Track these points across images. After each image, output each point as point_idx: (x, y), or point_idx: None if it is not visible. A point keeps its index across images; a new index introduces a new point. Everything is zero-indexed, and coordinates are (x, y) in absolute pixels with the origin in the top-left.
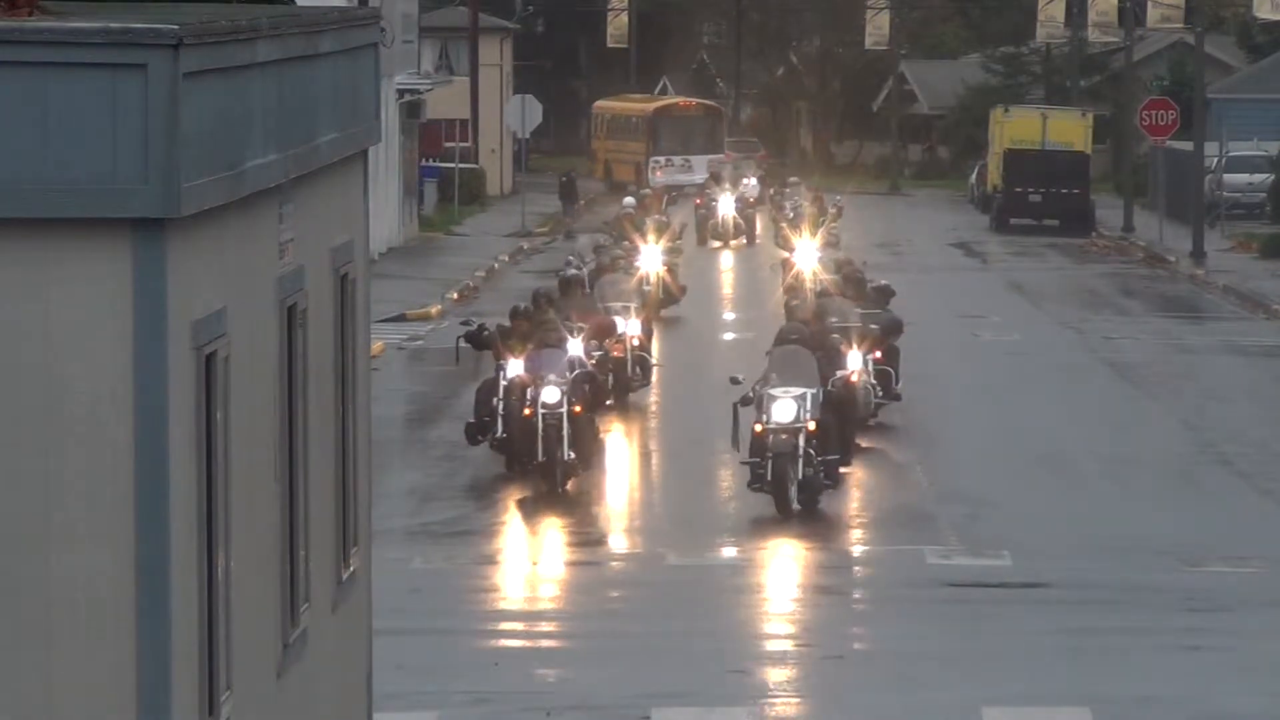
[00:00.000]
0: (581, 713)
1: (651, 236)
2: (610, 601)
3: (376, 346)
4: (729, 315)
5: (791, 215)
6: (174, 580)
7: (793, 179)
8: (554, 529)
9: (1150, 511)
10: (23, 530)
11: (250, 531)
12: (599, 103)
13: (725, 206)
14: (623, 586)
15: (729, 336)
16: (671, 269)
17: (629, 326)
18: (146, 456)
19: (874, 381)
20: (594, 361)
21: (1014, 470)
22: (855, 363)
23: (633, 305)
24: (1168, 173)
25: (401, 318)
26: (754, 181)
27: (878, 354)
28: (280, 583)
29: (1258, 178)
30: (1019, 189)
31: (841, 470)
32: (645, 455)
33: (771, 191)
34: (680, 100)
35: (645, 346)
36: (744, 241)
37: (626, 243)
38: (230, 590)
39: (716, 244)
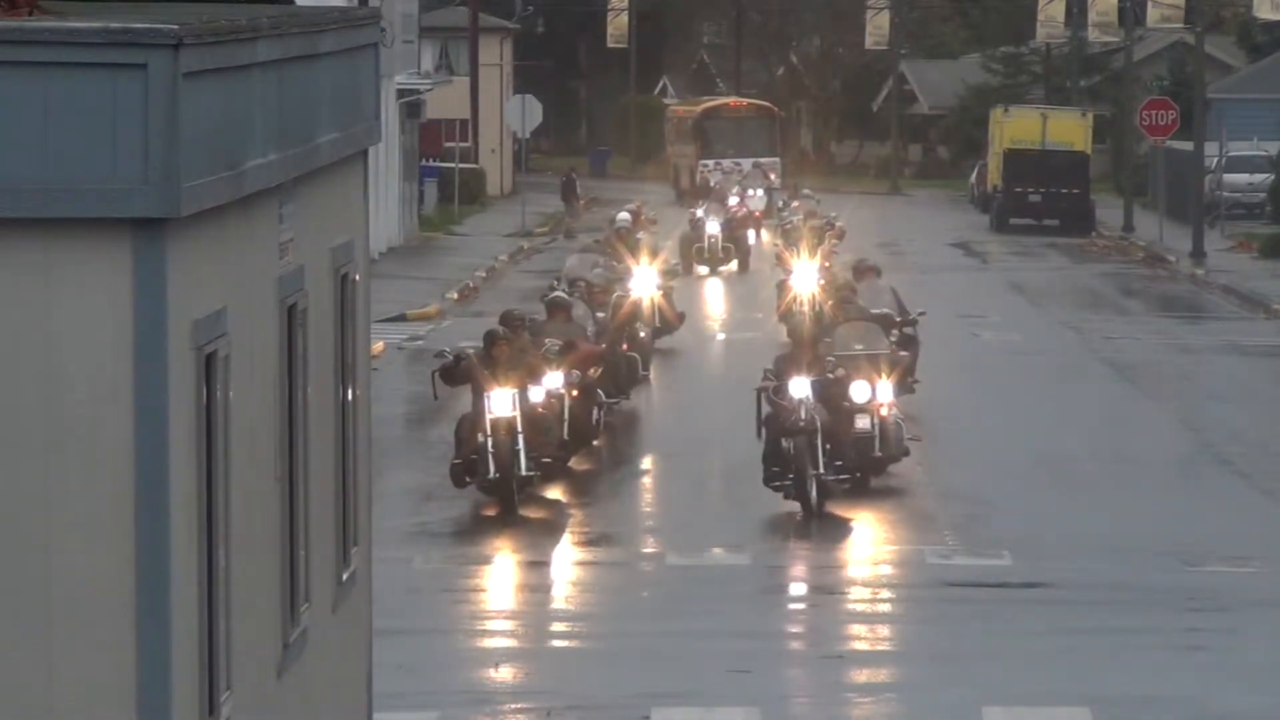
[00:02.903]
0: (581, 713)
1: (645, 257)
2: (611, 601)
3: (376, 346)
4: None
5: (789, 229)
6: (174, 580)
7: (805, 191)
8: (554, 529)
9: (1150, 511)
10: (23, 530)
11: (250, 531)
12: (670, 106)
13: (712, 226)
14: (623, 586)
15: (721, 338)
16: (666, 294)
17: None
18: (146, 456)
19: (903, 419)
20: (575, 391)
21: (1014, 470)
22: (885, 394)
23: (589, 335)
24: (1168, 173)
25: (401, 318)
26: (760, 192)
27: None
28: (280, 583)
29: (1258, 178)
30: (1019, 189)
31: None
32: (643, 458)
33: (780, 204)
34: (730, 100)
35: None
36: (735, 267)
37: (616, 263)
38: (230, 590)
39: (704, 270)
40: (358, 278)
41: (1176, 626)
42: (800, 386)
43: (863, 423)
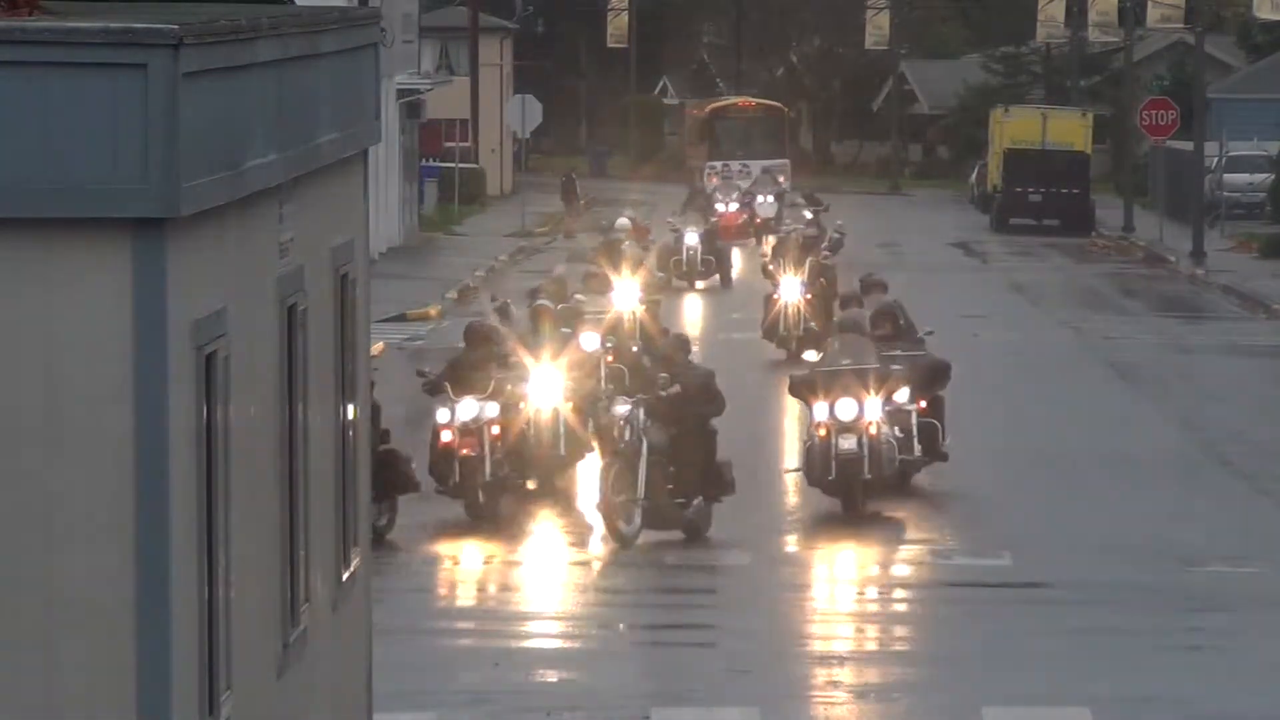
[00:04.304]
0: (581, 713)
1: (627, 270)
2: (610, 601)
3: (376, 347)
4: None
5: (782, 239)
6: (174, 580)
7: (799, 199)
8: (554, 529)
9: (1150, 511)
10: (23, 530)
11: (250, 531)
12: (687, 107)
13: (690, 238)
14: (622, 586)
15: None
16: (650, 309)
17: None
18: (146, 456)
19: (899, 435)
20: (569, 404)
21: (1014, 470)
22: (873, 411)
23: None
24: (1168, 173)
25: (401, 318)
26: (771, 199)
27: (921, 404)
28: (280, 583)
29: (1258, 178)
30: (1019, 189)
31: None
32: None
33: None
34: (739, 100)
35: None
36: (716, 282)
37: (600, 275)
38: (230, 590)
39: (683, 285)
40: (358, 278)
41: (1176, 626)
42: (620, 405)
43: (848, 443)
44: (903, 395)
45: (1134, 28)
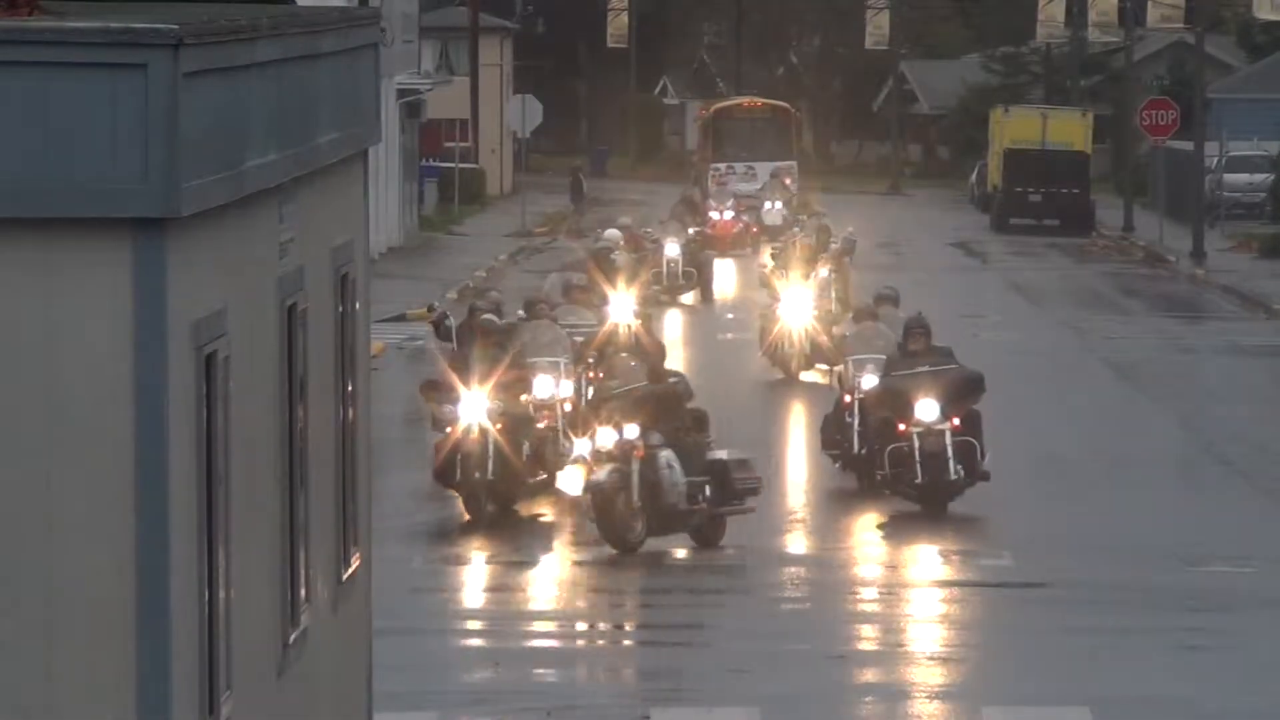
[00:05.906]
0: (581, 713)
1: (622, 281)
2: (610, 601)
3: (376, 346)
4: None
5: (779, 248)
6: (174, 580)
7: (818, 209)
8: (553, 530)
9: (1150, 511)
10: (23, 530)
11: (250, 531)
12: (700, 108)
13: (670, 249)
14: (623, 586)
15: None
16: (645, 322)
17: (559, 389)
18: (146, 456)
19: (949, 455)
20: (499, 425)
21: (1014, 470)
22: (630, 437)
23: (561, 361)
24: (1168, 173)
25: (401, 318)
26: (779, 205)
27: (955, 421)
28: (280, 583)
29: (1258, 178)
30: (1019, 189)
31: None
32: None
33: (797, 224)
34: (744, 100)
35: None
36: (698, 296)
37: (586, 288)
38: (230, 590)
39: (662, 298)
40: (358, 278)
41: (1176, 626)
42: None
43: (598, 475)
44: (932, 413)
45: (1134, 28)
